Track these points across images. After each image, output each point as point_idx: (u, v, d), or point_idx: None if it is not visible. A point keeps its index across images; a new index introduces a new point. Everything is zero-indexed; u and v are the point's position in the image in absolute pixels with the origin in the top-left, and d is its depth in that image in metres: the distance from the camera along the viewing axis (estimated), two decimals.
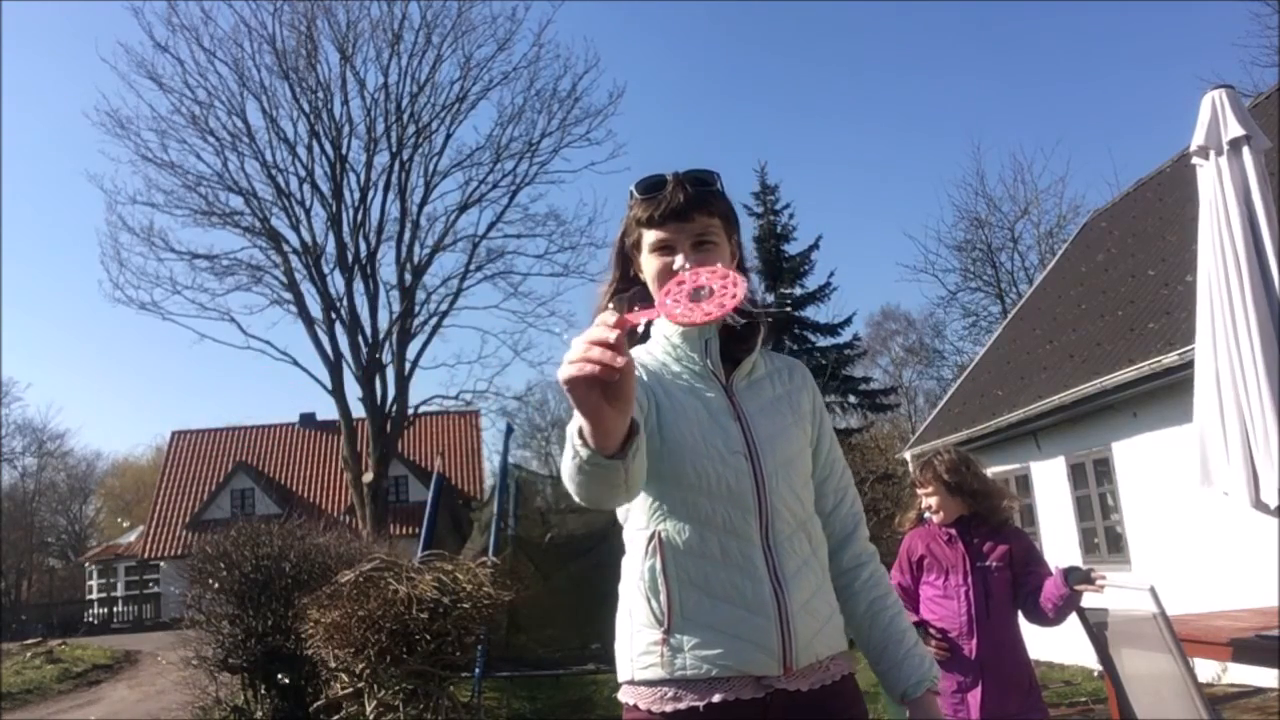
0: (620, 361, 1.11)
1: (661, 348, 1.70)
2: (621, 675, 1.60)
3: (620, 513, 1.66)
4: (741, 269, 1.73)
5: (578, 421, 1.24)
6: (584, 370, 1.11)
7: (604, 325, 1.13)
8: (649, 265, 1.66)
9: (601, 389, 1.14)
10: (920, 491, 3.39)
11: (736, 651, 1.51)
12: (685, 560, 1.54)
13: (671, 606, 1.52)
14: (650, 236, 1.64)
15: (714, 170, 1.68)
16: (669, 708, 1.52)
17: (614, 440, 1.22)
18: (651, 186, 1.64)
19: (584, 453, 1.24)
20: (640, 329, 1.68)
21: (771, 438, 1.63)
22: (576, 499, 1.41)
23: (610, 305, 1.69)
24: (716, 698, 1.50)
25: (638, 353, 1.68)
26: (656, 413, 1.58)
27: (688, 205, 1.61)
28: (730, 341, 1.70)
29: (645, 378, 1.60)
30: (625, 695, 1.60)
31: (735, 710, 1.51)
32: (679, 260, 1.60)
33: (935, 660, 3.15)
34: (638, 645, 1.56)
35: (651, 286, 1.66)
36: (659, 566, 1.54)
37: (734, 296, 1.27)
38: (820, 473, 1.72)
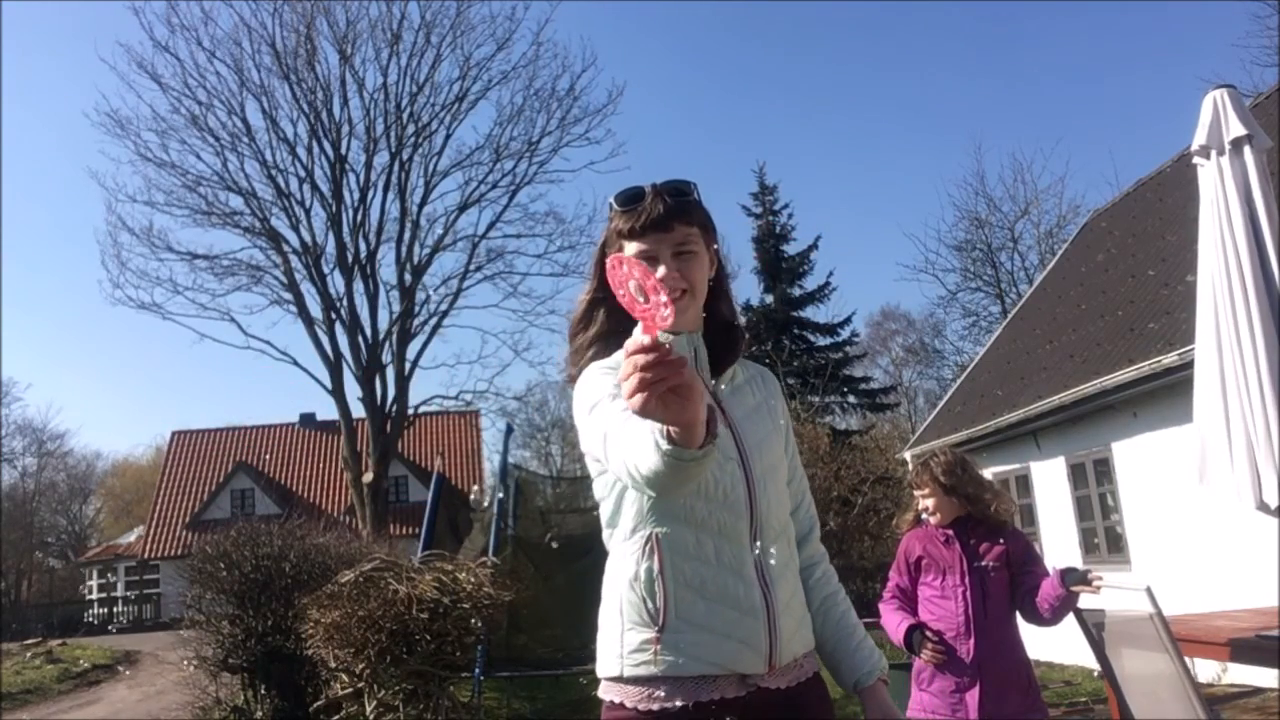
0: (682, 367, 1.12)
1: None
2: (607, 672, 1.62)
3: (605, 514, 1.69)
4: (721, 276, 1.76)
5: (656, 424, 1.24)
6: (650, 397, 1.12)
7: (639, 345, 1.13)
8: None
9: (675, 396, 1.14)
10: (917, 493, 3.41)
11: (728, 651, 1.55)
12: (681, 562, 1.58)
13: (667, 607, 1.56)
14: (631, 247, 1.66)
15: (691, 180, 1.71)
16: (656, 706, 1.55)
17: (699, 433, 1.23)
18: (631, 198, 1.67)
19: (669, 449, 1.24)
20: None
21: (759, 444, 1.68)
22: (650, 491, 1.43)
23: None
24: (704, 696, 1.55)
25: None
26: None
27: (667, 215, 1.63)
28: (714, 348, 1.73)
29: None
30: (609, 693, 1.62)
31: (719, 709, 1.56)
32: (661, 270, 1.63)
33: (932, 663, 3.18)
34: (628, 643, 1.59)
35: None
36: (656, 568, 1.58)
37: (665, 319, 1.24)
38: (786, 475, 1.78)
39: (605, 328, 1.74)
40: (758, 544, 1.62)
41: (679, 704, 1.54)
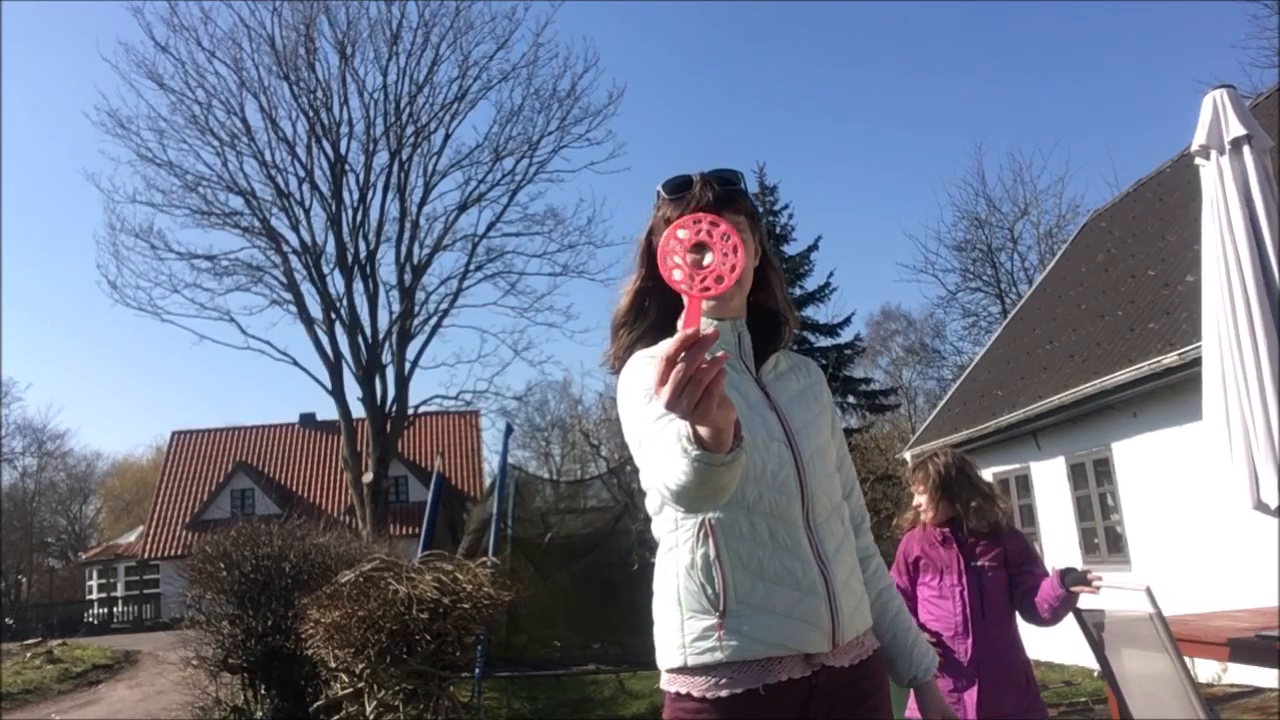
0: (723, 364, 1.13)
1: None
2: (669, 664, 1.61)
3: (652, 505, 1.69)
4: (766, 265, 1.77)
5: (682, 428, 1.24)
6: (698, 399, 1.11)
7: (683, 340, 1.12)
8: None
9: (717, 397, 1.14)
10: (913, 489, 3.43)
11: (793, 631, 1.56)
12: (737, 545, 1.58)
13: (727, 591, 1.56)
14: None
15: (738, 170, 1.72)
16: (724, 693, 1.55)
17: (728, 437, 1.23)
18: (679, 186, 1.68)
19: (699, 454, 1.24)
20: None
21: (805, 426, 1.70)
22: (682, 506, 1.43)
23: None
24: (771, 679, 1.55)
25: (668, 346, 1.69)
26: None
27: (716, 203, 1.64)
28: (758, 336, 1.74)
29: None
30: (673, 684, 1.61)
31: (787, 690, 1.56)
32: (709, 257, 1.63)
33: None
34: (690, 632, 1.58)
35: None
36: (712, 553, 1.58)
37: (733, 268, 1.26)
38: (834, 459, 1.79)
39: (657, 316, 1.73)
40: (811, 523, 1.62)
41: (747, 688, 1.54)
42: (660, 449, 1.39)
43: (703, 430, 1.22)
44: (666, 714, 1.62)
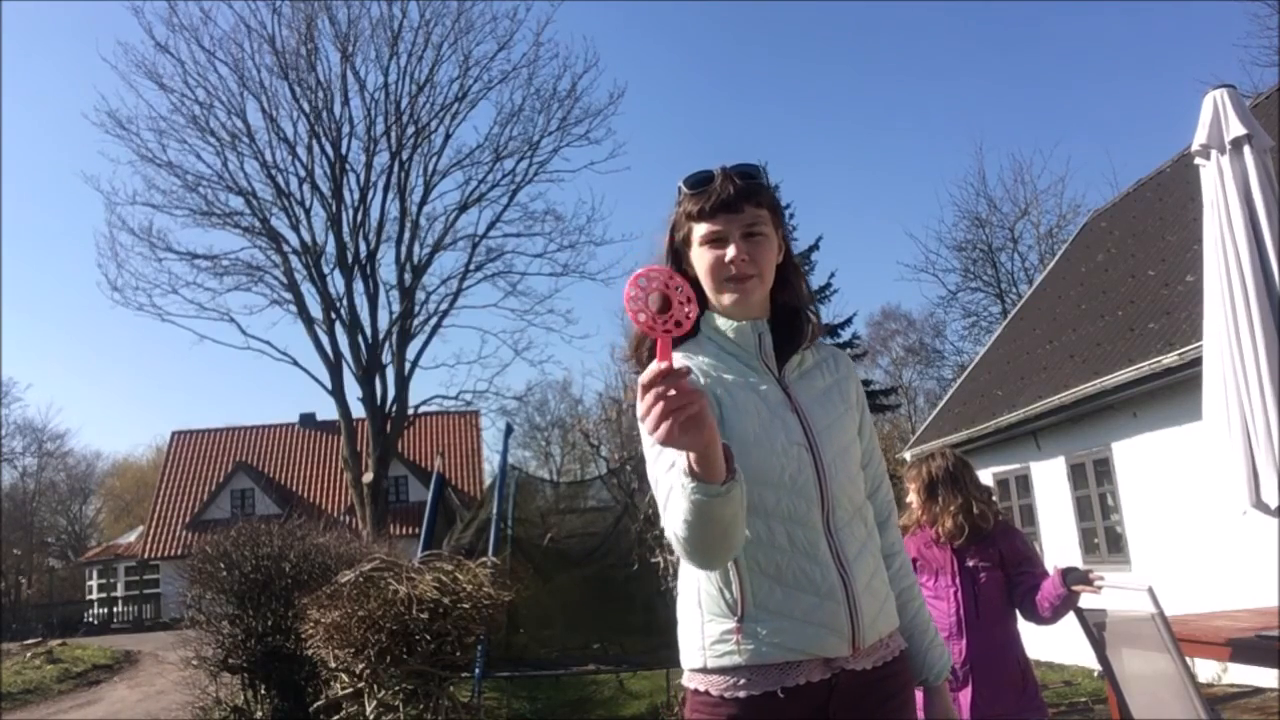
0: (699, 397, 1.21)
1: (714, 345, 1.71)
2: (690, 664, 1.64)
3: None
4: (789, 262, 1.75)
5: (679, 463, 1.32)
6: (672, 426, 1.20)
7: (654, 374, 1.21)
8: (701, 259, 1.67)
9: (693, 423, 1.22)
10: (907, 488, 3.45)
11: (810, 636, 1.56)
12: (755, 551, 1.58)
13: (744, 596, 1.57)
14: (701, 229, 1.66)
15: (759, 164, 1.72)
16: (742, 694, 1.56)
17: (719, 467, 1.29)
18: (700, 181, 1.67)
19: (695, 485, 1.31)
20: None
21: (828, 427, 1.68)
22: (695, 561, 1.48)
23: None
24: (789, 682, 1.55)
25: (687, 351, 1.69)
26: (719, 410, 1.62)
27: (738, 196, 1.64)
28: (780, 334, 1.73)
29: (701, 379, 1.63)
30: (694, 682, 1.63)
31: (806, 692, 1.56)
32: (731, 251, 1.63)
33: None
34: (710, 634, 1.60)
35: (704, 280, 1.67)
36: None
37: (689, 315, 1.34)
38: (861, 459, 1.77)
39: None
40: (831, 527, 1.61)
41: (765, 690, 1.55)
42: (669, 500, 1.44)
43: (692, 458, 1.28)
44: (687, 710, 1.65)
